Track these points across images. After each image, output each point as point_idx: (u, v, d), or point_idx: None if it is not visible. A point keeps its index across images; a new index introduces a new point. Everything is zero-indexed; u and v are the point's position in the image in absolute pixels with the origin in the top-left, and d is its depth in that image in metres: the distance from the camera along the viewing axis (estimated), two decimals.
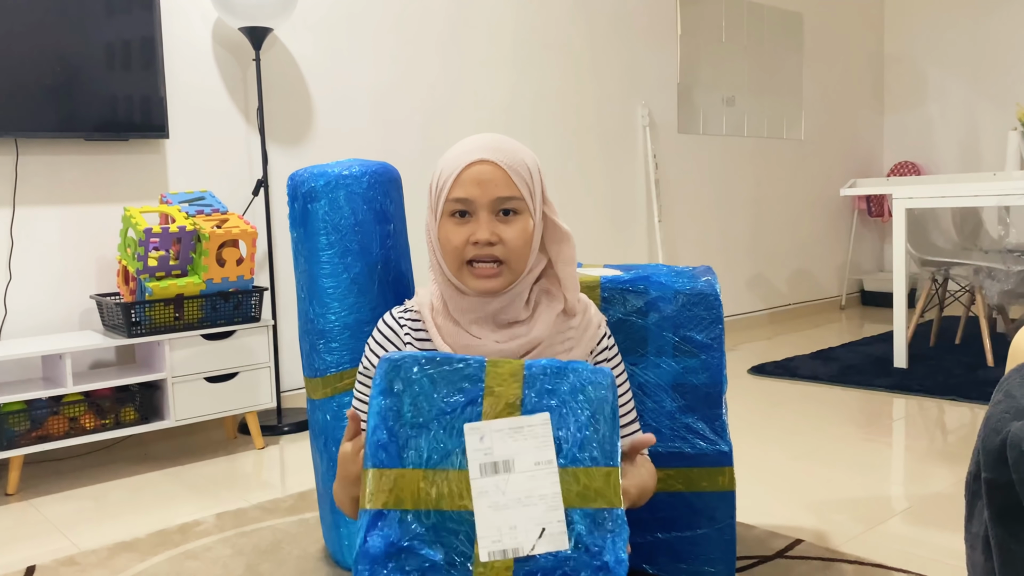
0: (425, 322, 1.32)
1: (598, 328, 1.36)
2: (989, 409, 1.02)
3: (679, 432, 1.63)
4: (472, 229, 1.24)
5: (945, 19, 5.71)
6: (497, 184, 1.23)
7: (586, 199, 4.27)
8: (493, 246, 1.23)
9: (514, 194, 1.24)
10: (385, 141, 3.54)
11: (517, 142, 1.29)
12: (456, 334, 1.29)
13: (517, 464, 1.06)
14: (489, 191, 1.23)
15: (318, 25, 3.34)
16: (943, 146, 5.78)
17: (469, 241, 1.24)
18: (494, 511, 1.02)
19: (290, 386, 3.27)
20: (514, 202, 1.25)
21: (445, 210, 1.25)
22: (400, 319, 1.36)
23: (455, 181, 1.24)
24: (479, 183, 1.23)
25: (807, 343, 4.47)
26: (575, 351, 1.32)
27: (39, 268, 2.77)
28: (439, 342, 1.30)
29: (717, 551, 1.65)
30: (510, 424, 1.07)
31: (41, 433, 2.47)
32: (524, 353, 1.28)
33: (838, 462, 2.55)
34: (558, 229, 1.31)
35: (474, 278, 1.25)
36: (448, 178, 1.25)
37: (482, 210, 1.24)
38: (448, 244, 1.25)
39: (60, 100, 2.68)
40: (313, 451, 1.90)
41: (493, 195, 1.23)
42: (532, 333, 1.28)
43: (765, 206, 5.21)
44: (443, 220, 1.26)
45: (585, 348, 1.33)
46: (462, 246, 1.24)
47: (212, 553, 1.96)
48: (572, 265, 1.33)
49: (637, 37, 4.46)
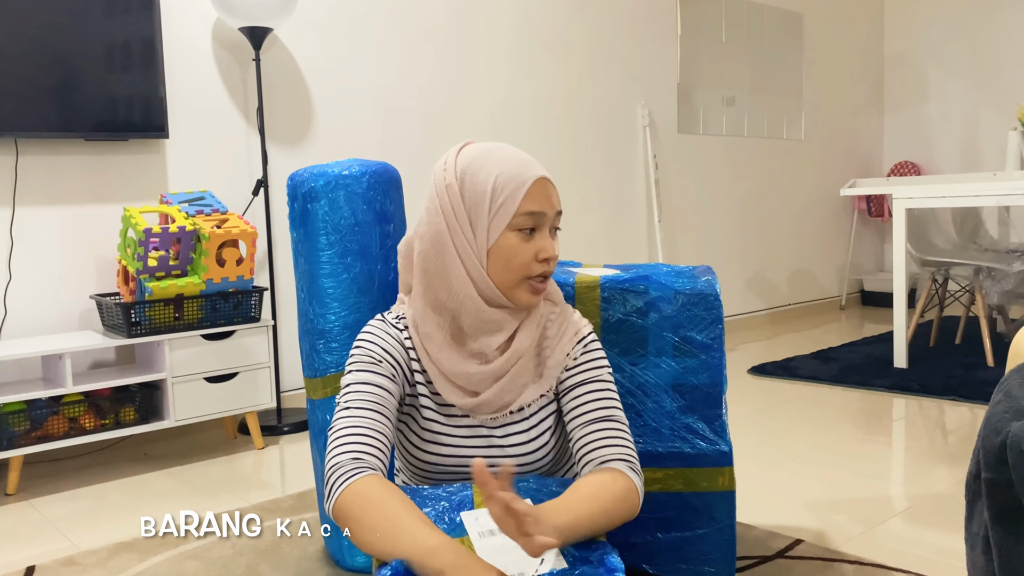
0: (417, 349, 1.28)
1: (575, 335, 1.33)
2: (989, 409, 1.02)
3: (679, 432, 1.63)
4: (539, 245, 1.24)
5: (945, 19, 5.71)
6: (557, 199, 1.27)
7: (586, 199, 4.27)
8: (553, 260, 1.26)
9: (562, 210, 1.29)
10: (385, 141, 3.54)
11: None
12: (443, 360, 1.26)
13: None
14: (555, 206, 1.26)
15: (318, 25, 3.34)
16: (943, 146, 5.78)
17: (537, 258, 1.23)
18: (497, 557, 1.07)
19: (290, 386, 3.27)
20: (560, 218, 1.28)
21: (513, 224, 1.22)
22: (396, 325, 1.31)
23: (526, 195, 1.22)
24: (547, 198, 1.24)
25: (807, 343, 4.47)
26: (552, 358, 1.30)
27: (39, 268, 2.77)
28: (428, 363, 1.27)
29: (717, 551, 1.65)
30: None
31: (41, 433, 2.47)
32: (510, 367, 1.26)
33: (838, 462, 2.55)
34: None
35: (531, 294, 1.26)
36: (516, 191, 1.22)
37: (547, 225, 1.25)
38: (515, 260, 1.23)
39: (60, 100, 2.68)
40: (313, 451, 1.90)
41: (555, 209, 1.26)
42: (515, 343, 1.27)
43: (765, 206, 5.21)
44: (505, 235, 1.22)
45: (560, 354, 1.30)
46: (530, 262, 1.23)
47: (212, 553, 1.96)
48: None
49: (637, 37, 4.46)
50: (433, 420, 1.29)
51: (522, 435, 1.29)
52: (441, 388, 1.27)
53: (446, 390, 1.27)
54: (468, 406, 1.27)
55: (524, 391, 1.28)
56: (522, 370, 1.28)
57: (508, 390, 1.27)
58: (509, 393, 1.27)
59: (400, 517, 1.08)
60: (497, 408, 1.27)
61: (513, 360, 1.26)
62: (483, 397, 1.26)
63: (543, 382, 1.30)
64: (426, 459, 1.29)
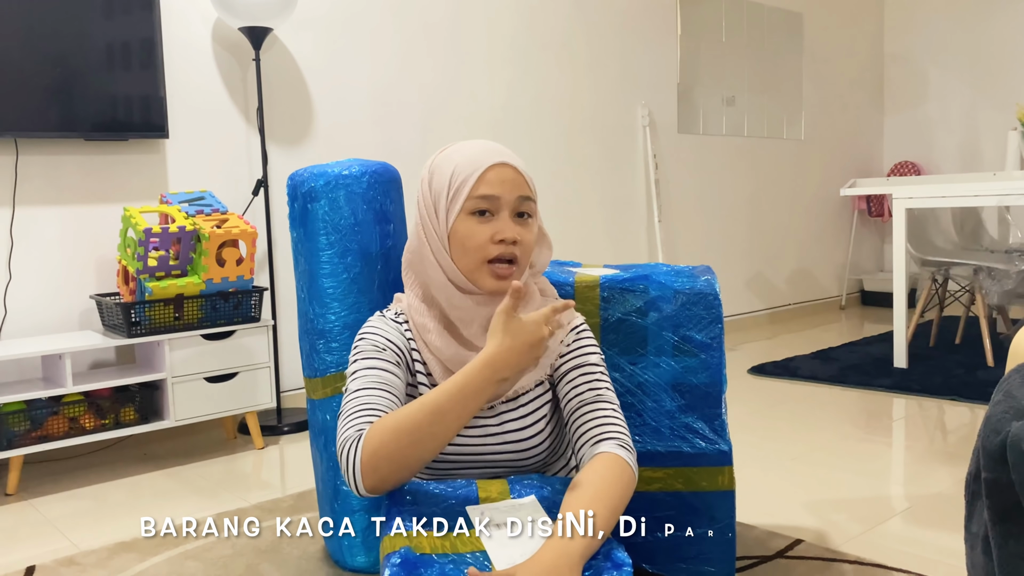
0: (416, 341, 1.33)
1: (569, 325, 1.36)
2: (989, 409, 1.02)
3: (679, 431, 1.63)
4: (496, 227, 1.26)
5: (945, 19, 5.71)
6: (519, 184, 1.28)
7: (586, 199, 4.27)
8: (515, 244, 1.26)
9: (531, 195, 1.30)
10: (385, 141, 3.54)
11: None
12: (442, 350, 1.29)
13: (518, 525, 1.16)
14: (514, 190, 1.27)
15: (318, 25, 3.34)
16: (943, 146, 5.78)
17: (493, 239, 1.26)
18: (504, 549, 1.10)
19: (290, 386, 3.27)
20: (530, 204, 1.30)
21: (465, 208, 1.26)
22: (395, 319, 1.36)
23: (479, 179, 1.26)
24: (503, 182, 1.27)
25: (807, 343, 4.47)
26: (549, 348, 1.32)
27: (39, 268, 2.77)
28: (427, 355, 1.31)
29: (717, 551, 1.65)
30: (505, 504, 1.18)
31: (41, 433, 2.47)
32: None
33: (838, 462, 2.55)
34: (544, 236, 1.38)
35: (493, 278, 1.27)
36: (469, 176, 1.26)
37: (506, 208, 1.27)
38: (470, 241, 1.26)
39: (60, 100, 2.68)
40: (313, 451, 1.90)
41: (517, 194, 1.28)
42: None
43: (765, 206, 5.21)
44: (460, 219, 1.27)
45: (555, 342, 1.34)
46: (485, 243, 1.26)
47: (212, 553, 1.96)
48: (543, 269, 1.40)
49: (637, 37, 4.46)
50: None
51: (518, 421, 1.32)
52: (440, 378, 1.30)
53: (445, 379, 1.28)
54: None
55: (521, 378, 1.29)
56: None
57: None
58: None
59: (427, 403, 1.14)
60: (495, 395, 1.28)
61: None
62: None
63: (538, 369, 1.33)
64: None
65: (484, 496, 1.20)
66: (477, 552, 1.10)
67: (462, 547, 1.11)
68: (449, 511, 1.17)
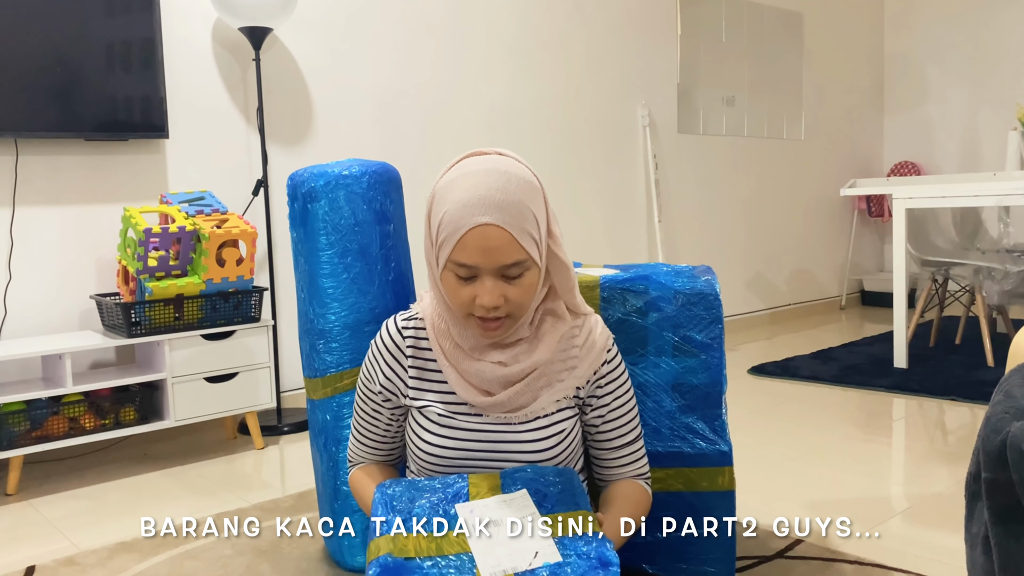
0: (430, 340, 1.32)
1: (603, 350, 1.33)
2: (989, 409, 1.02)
3: (679, 432, 1.63)
4: (477, 291, 1.18)
5: (945, 19, 5.71)
6: (503, 251, 1.16)
7: (586, 199, 4.27)
8: (498, 308, 1.19)
9: (521, 258, 1.17)
10: (385, 141, 3.54)
11: (517, 172, 1.20)
12: (459, 358, 1.28)
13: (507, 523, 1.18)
14: (495, 258, 1.16)
15: (318, 25, 3.34)
16: (943, 146, 5.78)
17: (475, 303, 1.19)
18: (490, 551, 1.12)
19: (290, 386, 3.27)
20: (519, 266, 1.18)
21: (448, 266, 1.19)
22: (404, 330, 1.34)
23: (458, 244, 1.16)
24: (484, 251, 1.15)
25: (807, 343, 4.47)
26: (578, 370, 1.31)
27: (39, 268, 2.77)
28: (443, 362, 1.29)
29: (717, 551, 1.65)
30: (495, 500, 1.19)
31: (41, 433, 2.47)
32: (526, 375, 1.27)
33: (838, 462, 2.55)
34: (559, 261, 1.27)
35: (480, 329, 1.22)
36: (451, 236, 1.16)
37: (487, 276, 1.18)
38: (453, 297, 1.21)
39: (60, 100, 2.68)
40: (313, 451, 1.90)
41: (499, 263, 1.16)
42: (534, 356, 1.27)
43: (765, 206, 5.21)
44: (446, 271, 1.21)
45: (587, 369, 1.31)
46: (468, 303, 1.20)
47: (212, 553, 1.96)
48: (573, 291, 1.31)
49: (637, 37, 4.46)
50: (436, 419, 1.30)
51: (531, 433, 1.29)
52: (455, 386, 1.28)
53: (460, 387, 1.28)
54: (483, 404, 1.27)
55: (540, 395, 1.29)
56: (539, 377, 1.28)
57: (522, 393, 1.28)
58: (523, 396, 1.28)
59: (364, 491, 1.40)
60: (511, 409, 1.28)
61: (529, 370, 1.27)
62: (497, 398, 1.27)
63: (562, 387, 1.30)
64: (431, 451, 1.30)
65: (475, 493, 1.20)
66: (463, 554, 1.11)
67: (448, 548, 1.12)
68: (437, 508, 1.17)
